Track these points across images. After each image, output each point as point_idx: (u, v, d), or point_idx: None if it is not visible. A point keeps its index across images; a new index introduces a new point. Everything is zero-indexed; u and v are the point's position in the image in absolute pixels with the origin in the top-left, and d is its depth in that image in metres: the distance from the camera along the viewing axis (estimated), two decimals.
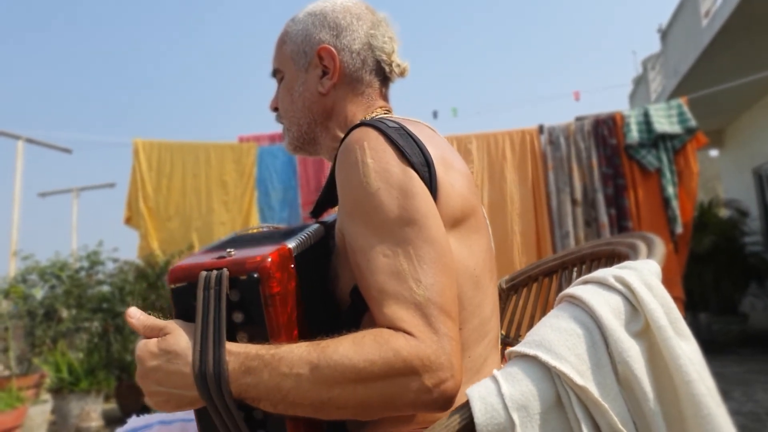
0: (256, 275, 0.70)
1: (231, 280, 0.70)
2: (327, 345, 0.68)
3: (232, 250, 0.75)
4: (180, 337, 0.71)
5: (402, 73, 1.01)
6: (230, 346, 0.69)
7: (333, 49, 0.95)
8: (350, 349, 0.67)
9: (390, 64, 0.98)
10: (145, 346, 0.71)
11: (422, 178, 0.77)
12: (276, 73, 1.03)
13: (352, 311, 0.82)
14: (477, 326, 0.83)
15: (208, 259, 0.74)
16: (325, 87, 0.96)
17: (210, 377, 0.67)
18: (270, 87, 1.09)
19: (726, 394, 4.20)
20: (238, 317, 0.71)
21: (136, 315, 0.75)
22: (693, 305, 6.72)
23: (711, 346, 6.33)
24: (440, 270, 0.73)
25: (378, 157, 0.77)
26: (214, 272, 0.71)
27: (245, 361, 0.68)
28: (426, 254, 0.72)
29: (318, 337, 0.72)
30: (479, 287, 0.84)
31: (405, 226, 0.73)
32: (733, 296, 6.91)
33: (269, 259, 0.71)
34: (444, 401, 0.68)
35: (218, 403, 0.68)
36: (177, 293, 0.74)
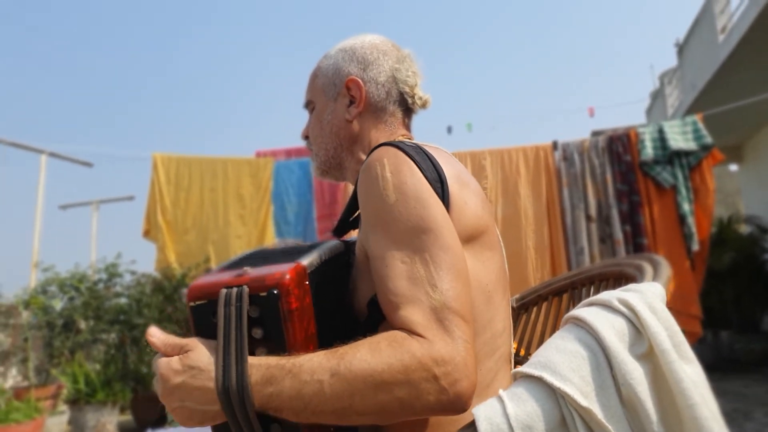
0: (276, 291, 0.72)
1: (251, 297, 0.73)
2: (345, 352, 0.70)
3: (248, 268, 0.77)
4: (202, 353, 0.73)
5: (424, 105, 1.09)
6: (251, 359, 0.71)
7: (360, 80, 1.04)
8: (368, 354, 0.69)
9: (413, 96, 1.06)
10: (167, 365, 0.73)
11: (435, 193, 0.82)
12: (308, 104, 1.12)
13: (369, 322, 0.85)
14: (488, 340, 0.85)
15: (227, 276, 0.76)
16: (351, 114, 1.04)
17: (233, 391, 0.69)
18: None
19: (748, 414, 4.11)
20: (257, 333, 0.74)
21: (156, 334, 0.77)
22: (713, 323, 6.60)
23: (733, 366, 6.21)
24: (455, 276, 0.76)
25: (396, 172, 0.82)
26: (235, 289, 0.73)
27: (267, 372, 0.70)
28: (442, 261, 0.76)
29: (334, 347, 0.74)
30: (491, 302, 0.86)
31: (421, 234, 0.77)
32: (755, 314, 6.79)
33: (288, 276, 0.73)
34: (460, 403, 0.69)
35: (240, 417, 0.70)
36: (196, 310, 0.76)
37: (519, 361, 1.23)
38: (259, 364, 0.71)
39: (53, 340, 4.90)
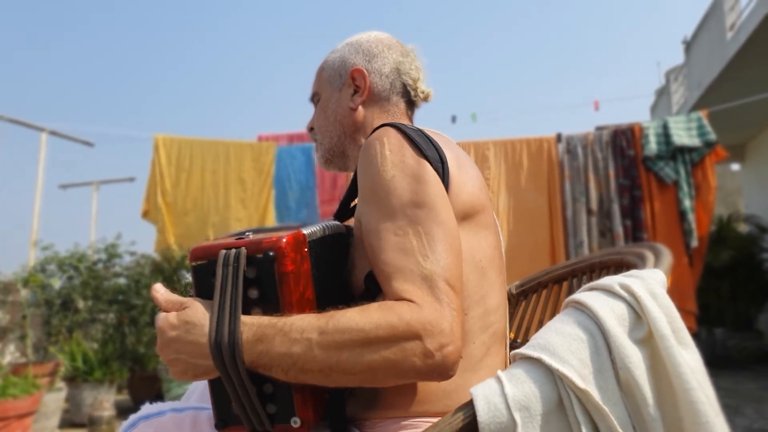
0: (271, 253, 0.75)
1: (248, 258, 0.76)
2: (335, 312, 0.73)
3: (250, 234, 0.81)
4: (198, 310, 0.76)
5: (426, 99, 1.11)
6: (245, 317, 0.74)
7: (365, 70, 1.06)
8: (357, 314, 0.72)
9: (416, 89, 1.09)
10: (165, 319, 0.77)
11: (436, 171, 0.83)
12: (314, 97, 1.14)
13: (366, 296, 0.87)
14: (481, 315, 0.86)
15: (228, 240, 0.80)
16: (355, 103, 1.06)
17: (224, 346, 0.72)
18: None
19: (738, 410, 4.15)
20: (253, 293, 0.77)
21: (160, 290, 0.81)
22: (709, 320, 6.64)
23: (726, 362, 6.25)
24: (447, 248, 0.77)
25: (395, 150, 0.84)
26: (233, 251, 0.76)
27: (258, 330, 0.73)
28: (435, 234, 0.77)
29: None
30: (485, 278, 0.88)
31: (416, 208, 0.79)
32: (750, 312, 6.82)
33: (284, 240, 0.76)
34: (445, 367, 0.71)
35: (231, 372, 0.72)
36: (197, 270, 0.79)
37: (517, 346, 1.24)
38: (251, 323, 0.73)
39: (51, 318, 4.92)
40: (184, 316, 0.76)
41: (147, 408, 1.02)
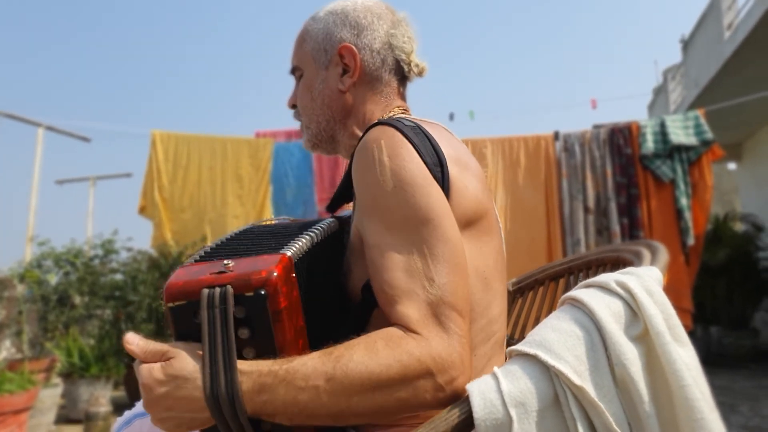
0: (263, 292, 0.68)
1: (236, 297, 0.68)
2: (341, 354, 0.68)
3: (229, 262, 0.72)
4: (186, 361, 0.69)
5: (420, 73, 1.02)
6: (241, 365, 0.68)
7: (354, 47, 0.96)
8: (365, 356, 0.67)
9: (409, 64, 0.99)
10: (149, 374, 0.69)
11: (435, 178, 0.78)
12: (295, 70, 1.04)
13: (362, 306, 0.83)
14: (484, 326, 0.84)
15: (207, 273, 0.71)
16: (345, 85, 0.97)
17: (223, 400, 0.66)
18: (287, 84, 1.11)
19: (733, 408, 4.17)
20: (244, 333, 0.69)
21: (134, 341, 0.72)
22: (705, 318, 6.67)
23: (722, 360, 6.28)
24: (453, 269, 0.73)
25: (394, 155, 0.78)
26: (218, 290, 0.68)
27: (258, 379, 0.67)
28: (440, 253, 0.73)
29: (325, 337, 0.73)
30: (489, 288, 0.84)
31: (420, 225, 0.74)
32: (745, 311, 6.85)
33: (275, 274, 0.69)
34: (455, 397, 0.69)
35: (232, 423, 0.67)
36: (176, 312, 0.70)
37: (513, 343, 1.24)
38: (250, 371, 0.67)
39: (48, 314, 4.90)
40: (171, 369, 0.68)
41: (143, 405, 1.01)
